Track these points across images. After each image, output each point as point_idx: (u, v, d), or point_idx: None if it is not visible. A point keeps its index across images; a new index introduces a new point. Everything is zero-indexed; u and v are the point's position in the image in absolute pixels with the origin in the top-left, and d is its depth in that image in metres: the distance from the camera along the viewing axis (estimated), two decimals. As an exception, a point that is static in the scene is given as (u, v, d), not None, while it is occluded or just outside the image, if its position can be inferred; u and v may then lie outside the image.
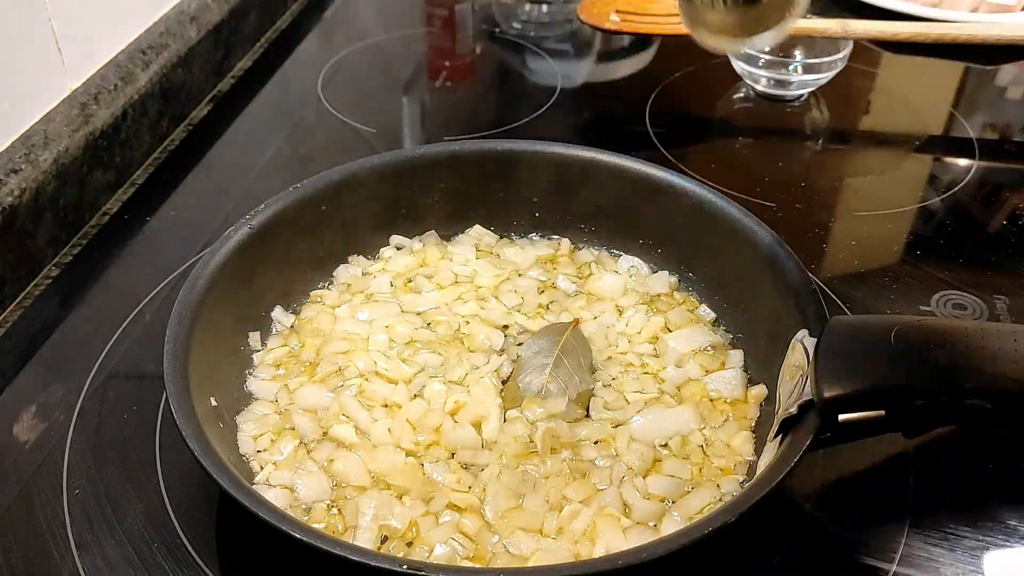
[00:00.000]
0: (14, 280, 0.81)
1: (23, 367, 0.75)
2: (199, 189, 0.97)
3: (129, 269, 0.85)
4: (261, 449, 0.65)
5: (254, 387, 0.69)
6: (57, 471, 0.66)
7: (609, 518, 0.60)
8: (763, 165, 1.02)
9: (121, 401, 0.71)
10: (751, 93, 1.13)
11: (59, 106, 0.89)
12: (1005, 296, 0.82)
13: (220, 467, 0.53)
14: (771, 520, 0.63)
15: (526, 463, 0.64)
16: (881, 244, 0.90)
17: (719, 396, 0.69)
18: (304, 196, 0.74)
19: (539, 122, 1.07)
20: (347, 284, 0.79)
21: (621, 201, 0.79)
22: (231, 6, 1.15)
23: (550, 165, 0.80)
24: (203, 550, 0.61)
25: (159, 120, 1.02)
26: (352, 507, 0.60)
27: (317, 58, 1.21)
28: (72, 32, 0.90)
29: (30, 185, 0.82)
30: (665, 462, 0.64)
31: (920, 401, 0.52)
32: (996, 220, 0.93)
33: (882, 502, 0.66)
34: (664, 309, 0.76)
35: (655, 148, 1.02)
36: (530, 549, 0.58)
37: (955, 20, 1.18)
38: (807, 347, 0.57)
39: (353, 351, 0.72)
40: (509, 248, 0.83)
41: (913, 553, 0.62)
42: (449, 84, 1.19)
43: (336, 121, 1.08)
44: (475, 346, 0.73)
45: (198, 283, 0.65)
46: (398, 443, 0.64)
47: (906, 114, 1.13)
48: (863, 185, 1.00)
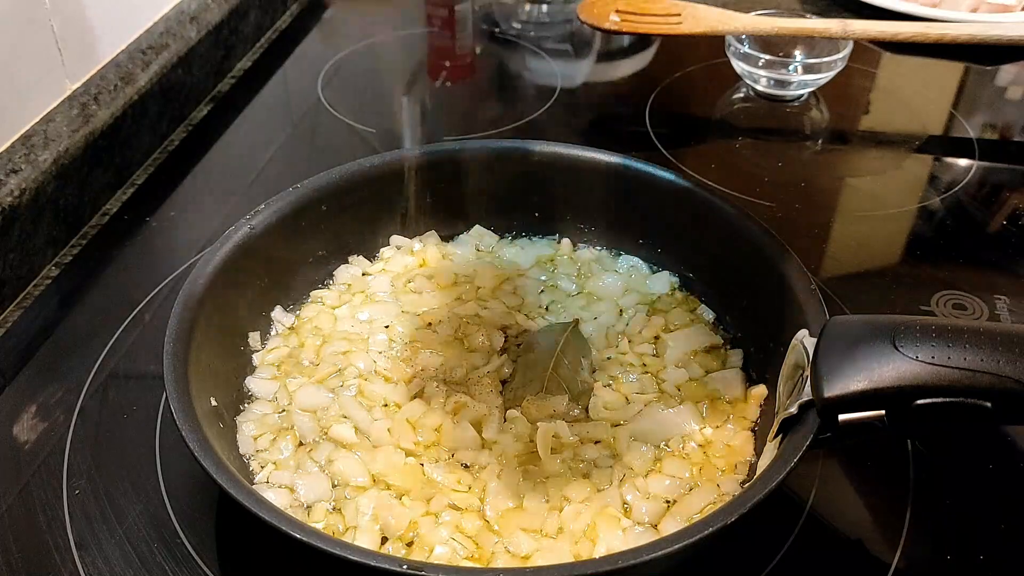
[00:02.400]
0: (14, 280, 0.81)
1: (23, 367, 0.75)
2: (199, 189, 0.97)
3: (129, 269, 0.85)
4: (261, 449, 0.65)
5: (254, 387, 0.69)
6: (57, 471, 0.66)
7: (609, 518, 0.60)
8: (763, 165, 1.02)
9: (121, 401, 0.72)
10: (751, 93, 1.13)
11: (59, 106, 0.89)
12: (1005, 296, 0.82)
13: (220, 467, 0.53)
14: (771, 520, 0.63)
15: (526, 463, 0.63)
16: (881, 244, 0.90)
17: (719, 396, 0.69)
18: (304, 196, 0.74)
19: (539, 122, 1.07)
20: (347, 284, 0.79)
21: (621, 201, 0.79)
22: (231, 6, 1.15)
23: (550, 165, 0.80)
24: (203, 550, 0.61)
25: (159, 120, 1.02)
26: (352, 507, 0.60)
27: (317, 58, 1.21)
28: (72, 32, 0.90)
29: (30, 185, 0.82)
30: (665, 462, 0.64)
31: (920, 401, 0.52)
32: (996, 220, 0.93)
33: (882, 502, 0.66)
34: (664, 309, 0.76)
35: (655, 148, 1.02)
36: (530, 549, 0.58)
37: (955, 20, 1.18)
38: (807, 347, 0.57)
39: (353, 351, 0.72)
40: (509, 248, 0.83)
41: (913, 553, 0.62)
42: (449, 84, 1.19)
43: (336, 121, 1.08)
44: (475, 346, 0.73)
45: (198, 283, 0.65)
46: (398, 443, 0.64)
47: (906, 114, 1.13)
48: (863, 185, 1.00)
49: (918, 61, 1.20)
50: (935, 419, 0.53)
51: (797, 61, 1.11)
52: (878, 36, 1.06)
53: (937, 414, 0.52)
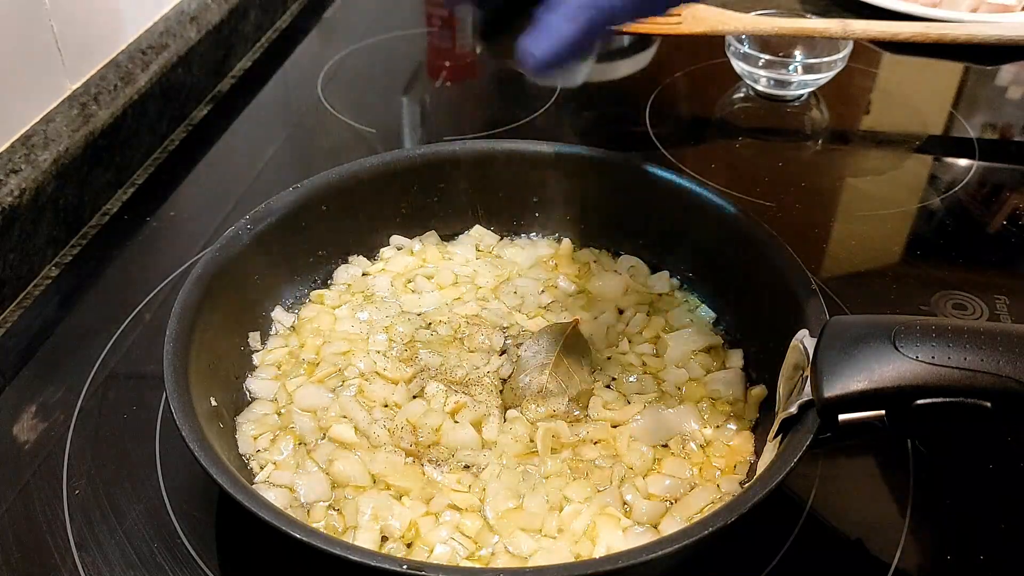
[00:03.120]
0: (14, 280, 0.81)
1: (23, 367, 0.75)
2: (199, 189, 0.97)
3: (129, 269, 0.85)
4: (261, 449, 0.65)
5: (254, 387, 0.69)
6: (57, 471, 0.66)
7: (609, 518, 0.60)
8: (763, 165, 1.02)
9: (121, 401, 0.72)
10: (751, 93, 1.13)
11: (59, 106, 0.89)
12: (1005, 296, 0.82)
13: (220, 467, 0.53)
14: (771, 520, 0.63)
15: (526, 463, 0.63)
16: (881, 244, 0.90)
17: (719, 396, 0.69)
18: (304, 196, 0.74)
19: (539, 122, 1.07)
20: (347, 284, 0.79)
21: (621, 201, 0.79)
22: (231, 6, 1.15)
23: (550, 165, 0.80)
24: (203, 550, 0.61)
25: (159, 120, 1.02)
26: (352, 507, 0.60)
27: (317, 58, 1.21)
28: (72, 32, 0.90)
29: (30, 185, 0.82)
30: (665, 462, 0.64)
31: (920, 401, 0.52)
32: (996, 220, 0.93)
33: (882, 502, 0.66)
34: (664, 309, 0.76)
35: (655, 148, 1.02)
36: (530, 549, 0.58)
37: (955, 20, 1.18)
38: (807, 347, 0.57)
39: (353, 351, 0.72)
40: (509, 248, 0.82)
41: (913, 553, 0.62)
42: (449, 84, 1.19)
43: (336, 121, 1.08)
44: (475, 346, 0.73)
45: (198, 283, 0.65)
46: (398, 443, 0.64)
47: (906, 114, 1.13)
48: (863, 185, 1.00)
49: (918, 61, 1.20)
50: (935, 419, 0.53)
51: (797, 61, 1.11)
52: (878, 36, 1.06)
53: (937, 414, 0.52)
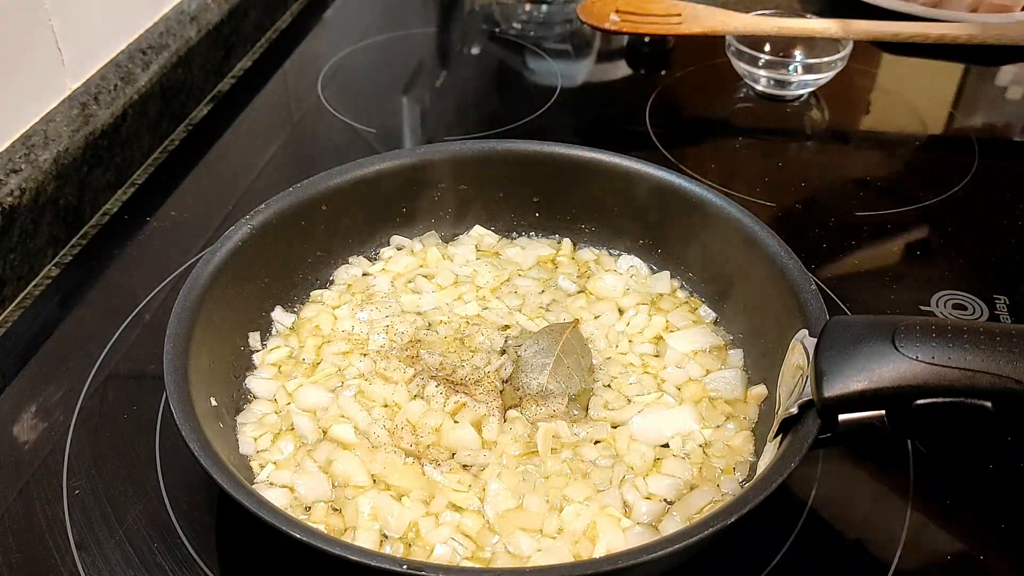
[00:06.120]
0: (14, 280, 0.81)
1: (23, 367, 0.75)
2: (199, 189, 0.97)
3: (129, 269, 0.85)
4: (261, 449, 0.65)
5: (254, 387, 0.69)
6: (57, 471, 0.66)
7: (609, 518, 0.60)
8: (763, 165, 1.02)
9: (121, 401, 0.72)
10: (751, 93, 1.13)
11: (59, 106, 0.89)
12: (1005, 296, 0.82)
13: (220, 467, 0.53)
14: (771, 520, 0.63)
15: (526, 463, 0.64)
16: (881, 244, 0.90)
17: (719, 396, 0.69)
18: (304, 196, 0.74)
19: (539, 122, 1.07)
20: (347, 284, 0.79)
21: (621, 201, 0.79)
22: (231, 6, 1.15)
23: (550, 165, 0.80)
24: (203, 550, 0.61)
25: (159, 120, 1.02)
26: (352, 507, 0.60)
27: (317, 58, 1.21)
28: (72, 32, 0.90)
29: (30, 185, 0.82)
30: (665, 462, 0.64)
31: (920, 401, 0.52)
32: (996, 220, 0.93)
33: (882, 502, 0.66)
34: (666, 309, 0.76)
35: (655, 148, 1.02)
36: (530, 549, 0.58)
37: (955, 20, 1.18)
38: (807, 347, 0.57)
39: (353, 351, 0.72)
40: (509, 248, 0.82)
41: (913, 553, 0.62)
42: (449, 84, 1.19)
43: (336, 121, 1.08)
44: (475, 346, 0.73)
45: (198, 283, 0.65)
46: (398, 443, 0.64)
47: (906, 114, 1.13)
48: (863, 184, 1.00)
49: (918, 61, 1.20)
50: (935, 419, 0.53)
51: (797, 61, 1.11)
52: (878, 36, 1.06)
53: (937, 414, 0.52)
